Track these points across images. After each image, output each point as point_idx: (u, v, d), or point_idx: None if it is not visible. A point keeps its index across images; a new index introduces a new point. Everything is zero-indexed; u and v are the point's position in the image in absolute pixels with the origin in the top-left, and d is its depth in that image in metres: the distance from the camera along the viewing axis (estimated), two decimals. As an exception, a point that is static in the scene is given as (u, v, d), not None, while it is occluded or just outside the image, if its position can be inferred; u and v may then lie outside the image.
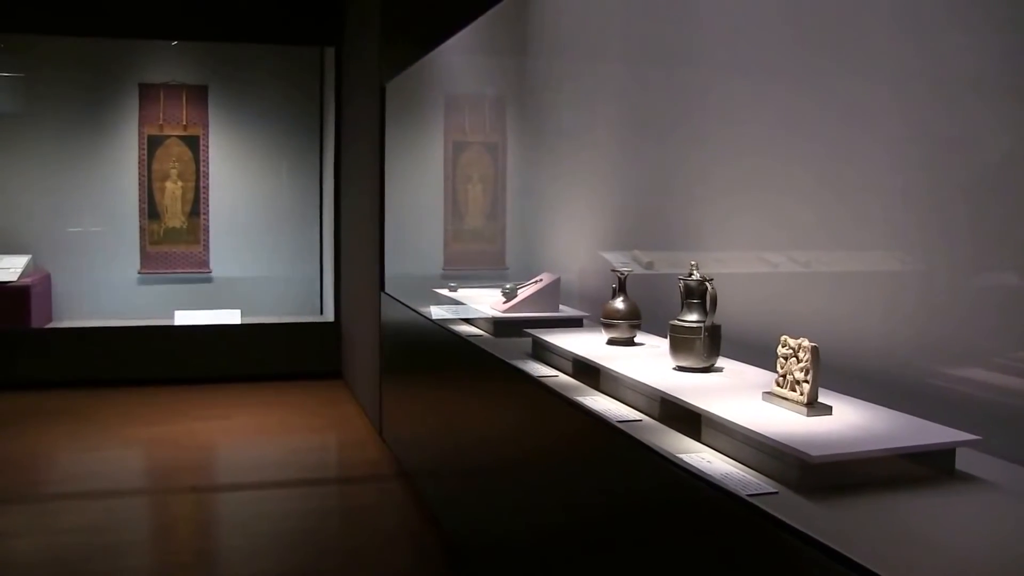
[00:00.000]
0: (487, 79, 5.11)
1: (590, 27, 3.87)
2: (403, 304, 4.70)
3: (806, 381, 1.92)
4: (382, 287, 5.19)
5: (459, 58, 4.75)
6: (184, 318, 7.07)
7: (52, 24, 6.90)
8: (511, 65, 4.84)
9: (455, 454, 3.75)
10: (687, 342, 2.39)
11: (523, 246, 4.81)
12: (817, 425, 1.85)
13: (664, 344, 2.56)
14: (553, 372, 2.80)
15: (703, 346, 2.38)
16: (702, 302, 2.41)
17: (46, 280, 7.17)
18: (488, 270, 5.02)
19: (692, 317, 2.41)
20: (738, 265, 2.74)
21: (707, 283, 2.40)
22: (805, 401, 1.91)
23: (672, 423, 2.15)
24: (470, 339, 3.50)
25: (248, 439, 5.63)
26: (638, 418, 2.24)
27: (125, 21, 6.97)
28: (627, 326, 2.87)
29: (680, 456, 1.89)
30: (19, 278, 6.78)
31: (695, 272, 2.44)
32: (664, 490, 1.90)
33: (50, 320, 7.19)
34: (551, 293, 3.69)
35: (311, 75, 7.73)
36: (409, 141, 5.28)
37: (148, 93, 7.44)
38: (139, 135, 7.41)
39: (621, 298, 2.90)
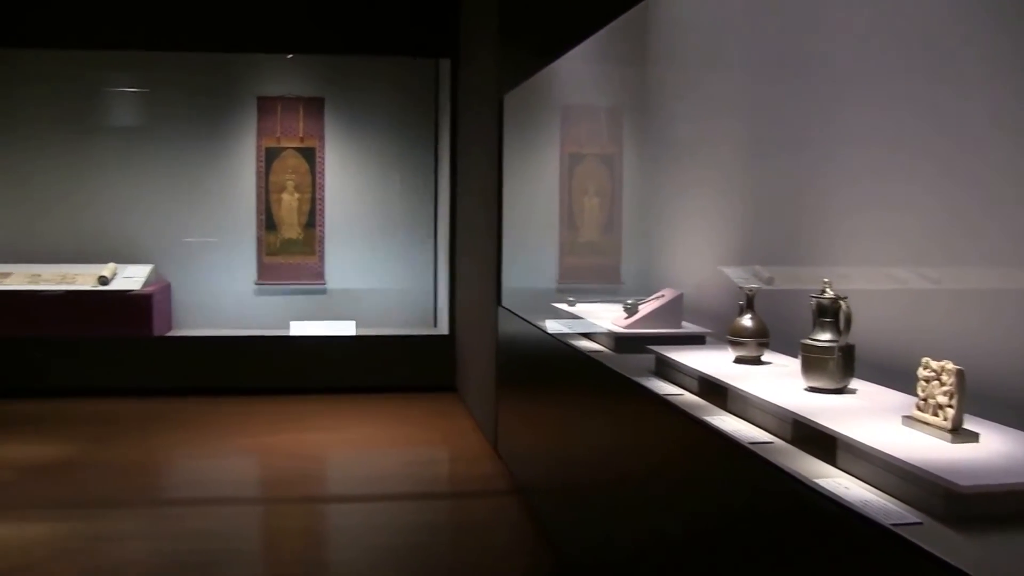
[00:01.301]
0: (604, 90, 5.12)
1: (714, 37, 3.86)
2: (522, 318, 4.73)
3: (950, 406, 1.87)
4: (499, 301, 5.24)
5: (575, 68, 4.77)
6: (299, 329, 7.26)
7: (174, 41, 7.20)
8: (629, 75, 4.85)
9: (573, 471, 3.76)
10: (820, 362, 2.36)
11: (638, 260, 4.80)
12: (963, 452, 1.80)
13: (792, 363, 2.53)
14: (677, 390, 2.79)
15: (836, 367, 2.34)
16: (835, 321, 2.38)
17: (167, 289, 7.48)
18: (603, 284, 5.02)
19: (825, 336, 2.37)
20: (864, 282, 2.69)
21: (841, 301, 2.37)
22: (949, 427, 1.87)
23: (805, 446, 2.12)
24: (591, 355, 3.52)
25: (361, 451, 5.74)
26: (769, 440, 2.21)
27: (244, 36, 7.22)
28: (755, 344, 2.85)
29: (816, 481, 1.86)
30: (142, 287, 7.09)
31: (828, 290, 2.41)
32: (798, 516, 1.88)
33: (170, 328, 7.49)
34: (673, 309, 3.67)
35: (426, 87, 7.87)
36: (524, 153, 5.33)
37: (266, 106, 7.69)
38: (257, 147, 7.67)
39: (749, 315, 2.87)
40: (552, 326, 4.35)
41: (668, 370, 2.98)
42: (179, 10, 7.11)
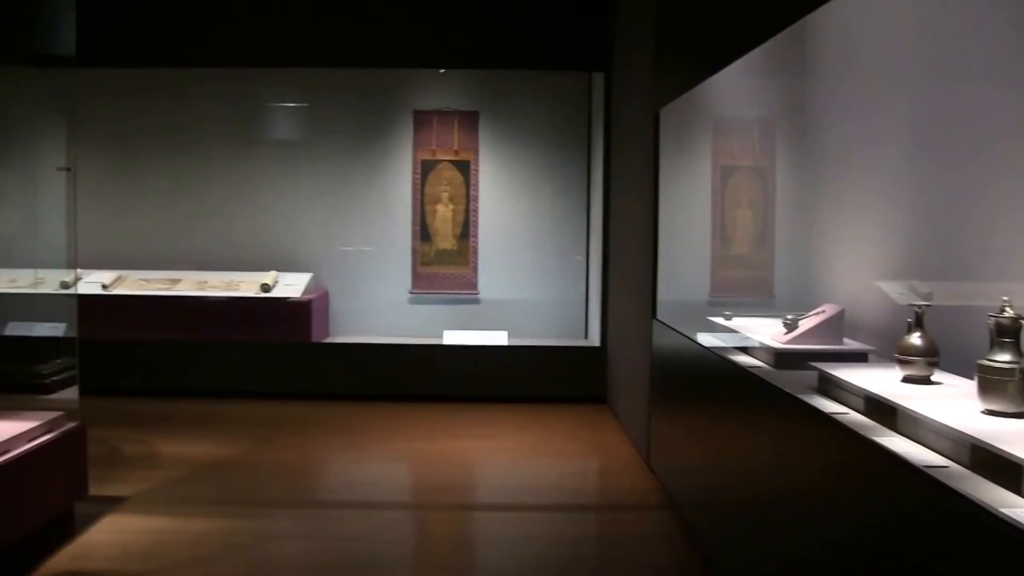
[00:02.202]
0: (758, 101, 5.04)
1: (877, 45, 3.75)
2: (678, 332, 4.70)
3: None
4: (654, 314, 5.22)
5: (727, 79, 4.72)
6: (452, 338, 7.40)
7: (334, 58, 7.46)
8: (783, 85, 4.76)
9: (730, 488, 3.71)
10: (999, 384, 2.27)
11: (791, 274, 4.70)
12: None
13: (964, 384, 2.44)
14: (842, 409, 2.73)
15: (1017, 389, 2.25)
16: (1015, 341, 2.28)
17: (325, 297, 7.75)
18: (755, 298, 4.93)
19: (1004, 357, 2.28)
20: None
21: (1022, 321, 2.27)
22: None
23: (984, 472, 2.04)
24: (751, 370, 3.47)
25: (512, 460, 5.80)
26: (943, 464, 2.14)
27: (401, 52, 7.41)
28: (925, 363, 2.75)
29: (1002, 511, 1.79)
30: (302, 294, 7.38)
31: (1008, 308, 2.31)
32: (980, 546, 1.81)
33: (327, 335, 7.75)
34: (834, 325, 3.59)
35: (580, 100, 7.91)
36: (676, 166, 5.30)
37: (422, 119, 7.88)
38: (413, 160, 7.86)
39: (918, 333, 2.78)
40: (708, 340, 4.31)
41: (831, 388, 2.92)
42: (338, 28, 7.36)
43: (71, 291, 6.29)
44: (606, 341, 7.20)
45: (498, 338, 7.41)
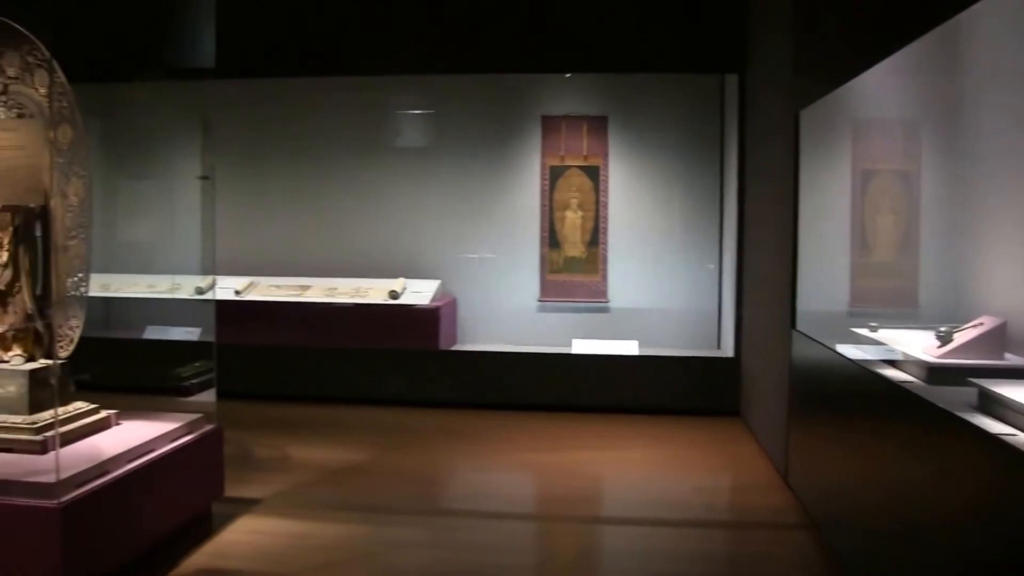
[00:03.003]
0: (902, 101, 4.86)
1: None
2: (820, 343, 4.57)
3: None
4: (793, 324, 5.10)
5: (869, 79, 4.56)
6: (581, 347, 7.37)
7: (460, 64, 7.53)
8: (931, 85, 4.57)
9: (878, 510, 3.58)
10: None
11: (938, 283, 4.51)
12: None
13: None
14: (1009, 429, 2.60)
15: None
16: None
17: (453, 304, 7.82)
18: (899, 309, 4.75)
19: None
20: None
21: None
22: None
23: None
24: (903, 385, 3.34)
25: (641, 473, 5.73)
26: None
27: (527, 57, 7.43)
28: (1100, 382, 2.60)
29: None
30: (430, 301, 7.46)
31: None
32: None
33: (455, 342, 7.82)
34: (995, 339, 3.42)
35: (712, 103, 7.79)
36: (814, 170, 5.15)
37: (550, 125, 7.88)
38: (541, 166, 7.87)
39: (1093, 349, 2.63)
40: (851, 352, 4.17)
41: (995, 406, 2.78)
42: (464, 35, 7.43)
43: (206, 296, 6.51)
44: (740, 352, 7.06)
45: (628, 348, 7.35)
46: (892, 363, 3.76)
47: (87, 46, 4.56)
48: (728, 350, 7.30)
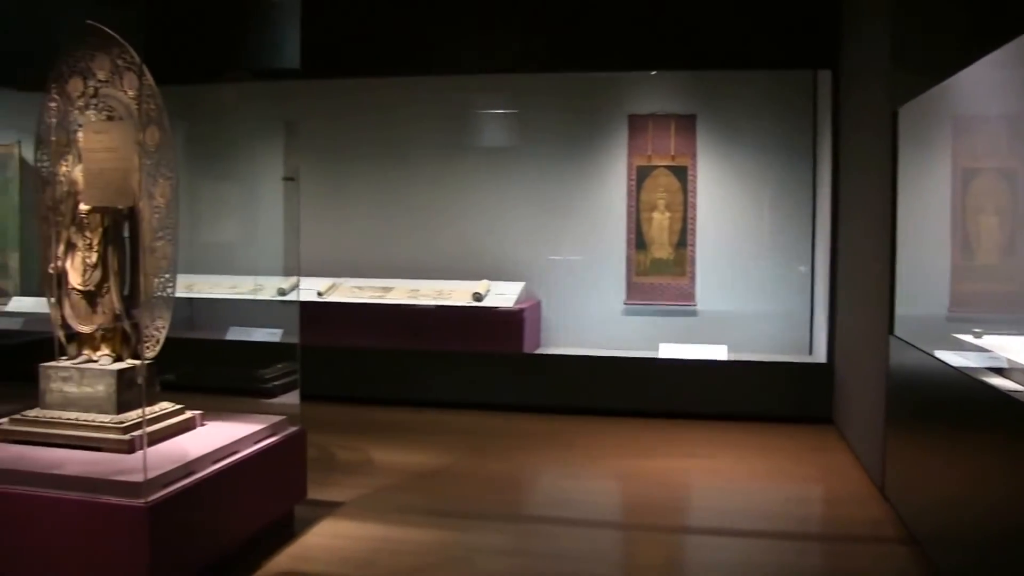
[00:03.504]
0: (1008, 96, 4.70)
1: None
2: (919, 350, 4.44)
3: None
4: (891, 330, 4.97)
5: (970, 74, 4.42)
6: (669, 351, 7.30)
7: (544, 63, 7.52)
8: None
9: (982, 525, 3.46)
10: None
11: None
12: None
13: None
14: None
15: None
16: None
17: (537, 307, 7.81)
18: (1004, 314, 4.59)
19: None
20: None
21: None
22: None
23: None
24: (1012, 395, 3.22)
25: (731, 482, 5.64)
26: None
27: (613, 55, 7.39)
28: None
29: None
30: (513, 304, 7.46)
31: None
32: None
33: (538, 346, 7.81)
34: (1111, 346, 3.29)
35: (803, 100, 7.65)
36: (911, 169, 5.01)
37: (637, 124, 7.82)
38: (628, 166, 7.82)
39: None
40: (954, 359, 4.05)
41: (1113, 417, 2.67)
42: (548, 33, 7.43)
43: (289, 298, 6.61)
44: (833, 357, 6.91)
45: (717, 352, 7.25)
46: (999, 371, 3.63)
47: (173, 48, 4.65)
48: (820, 355, 7.16)
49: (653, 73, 7.80)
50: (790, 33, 7.11)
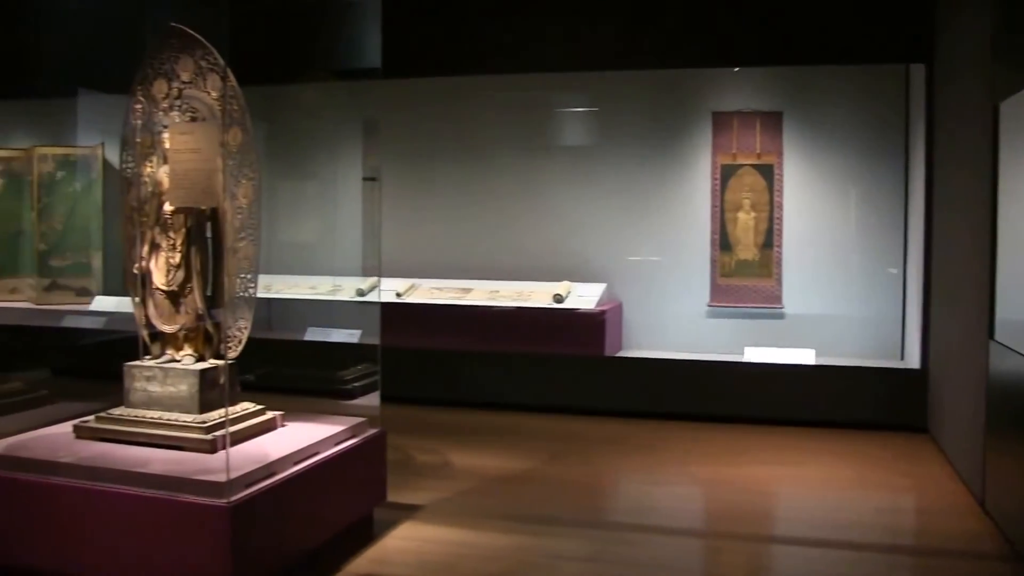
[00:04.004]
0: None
1: None
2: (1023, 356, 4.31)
3: None
4: (991, 334, 4.83)
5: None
6: (754, 355, 7.19)
7: (624, 60, 7.48)
8: None
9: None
10: None
11: None
12: None
13: None
14: None
15: None
16: None
17: (619, 309, 7.77)
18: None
19: None
20: None
21: None
22: None
23: None
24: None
25: (819, 490, 5.54)
26: None
27: (697, 50, 7.32)
28: None
29: None
30: (595, 306, 7.43)
31: None
32: None
33: (620, 348, 7.76)
34: None
35: (896, 95, 7.48)
36: (1012, 165, 4.86)
37: (721, 121, 7.73)
38: (712, 164, 7.73)
39: None
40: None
41: None
42: (629, 29, 7.39)
43: (368, 299, 6.67)
44: (927, 363, 6.75)
45: (804, 356, 7.12)
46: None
47: (254, 49, 4.72)
48: (913, 361, 6.99)
49: (736, 69, 7.70)
50: (881, 26, 6.96)
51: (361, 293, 6.97)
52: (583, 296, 7.53)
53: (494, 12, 7.61)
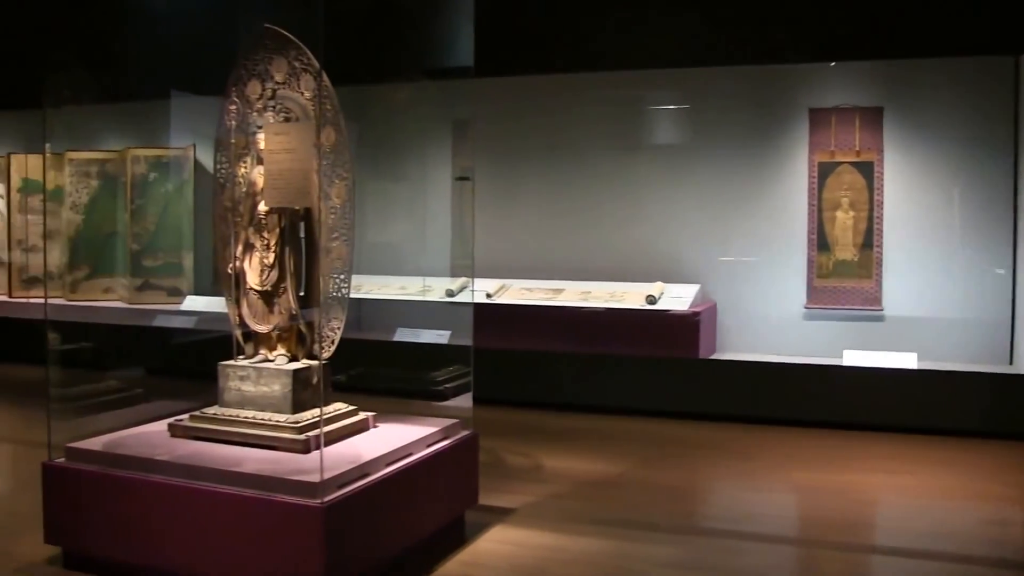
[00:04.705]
0: None
1: None
2: None
3: None
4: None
5: None
6: (853, 359, 7.04)
7: (717, 56, 7.40)
8: None
9: None
10: None
11: None
12: None
13: None
14: None
15: None
16: None
17: (713, 310, 7.68)
18: None
19: None
20: None
21: None
22: None
23: None
24: None
25: (922, 500, 5.38)
26: None
27: (792, 45, 7.20)
28: None
29: None
30: (688, 307, 7.35)
31: None
32: None
33: (714, 350, 7.67)
34: None
35: (1004, 88, 7.25)
36: None
37: (818, 118, 7.59)
38: (809, 162, 7.60)
39: None
40: None
41: None
42: (720, 24, 7.30)
43: (458, 299, 6.69)
44: (1037, 369, 6.55)
45: (906, 361, 6.94)
46: None
47: (345, 49, 4.77)
48: (1023, 367, 6.78)
49: (832, 64, 7.55)
50: (989, 15, 6.76)
51: (450, 294, 7.00)
52: (676, 297, 7.45)
53: (584, 9, 7.59)
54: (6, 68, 9.37)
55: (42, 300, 9.13)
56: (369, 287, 7.95)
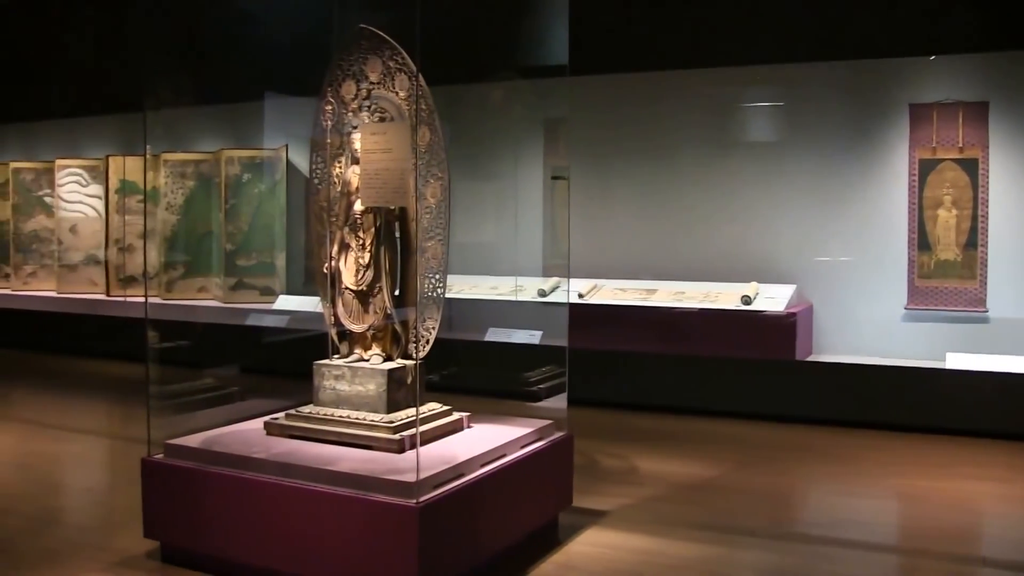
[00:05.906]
0: None
1: None
2: None
3: None
4: None
5: None
6: (956, 362, 6.83)
7: (811, 52, 7.26)
8: None
9: None
10: None
11: None
12: None
13: None
14: None
15: None
16: None
17: (809, 311, 7.52)
18: None
19: None
20: None
21: None
22: None
23: None
24: None
25: (1029, 510, 5.23)
26: None
27: (890, 38, 7.03)
28: None
29: None
30: (784, 308, 7.22)
31: None
32: None
33: (811, 352, 7.52)
34: None
35: None
36: None
37: (919, 113, 7.38)
38: (909, 159, 7.39)
39: None
40: None
41: None
42: (815, 18, 7.17)
43: (551, 299, 6.67)
44: None
45: (1012, 364, 6.71)
46: None
47: (439, 48, 4.79)
48: None
49: (932, 58, 7.34)
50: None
51: (543, 294, 6.98)
52: (772, 298, 7.31)
53: (678, 6, 7.52)
54: (105, 74, 9.64)
55: (139, 299, 9.33)
56: (461, 287, 7.97)
